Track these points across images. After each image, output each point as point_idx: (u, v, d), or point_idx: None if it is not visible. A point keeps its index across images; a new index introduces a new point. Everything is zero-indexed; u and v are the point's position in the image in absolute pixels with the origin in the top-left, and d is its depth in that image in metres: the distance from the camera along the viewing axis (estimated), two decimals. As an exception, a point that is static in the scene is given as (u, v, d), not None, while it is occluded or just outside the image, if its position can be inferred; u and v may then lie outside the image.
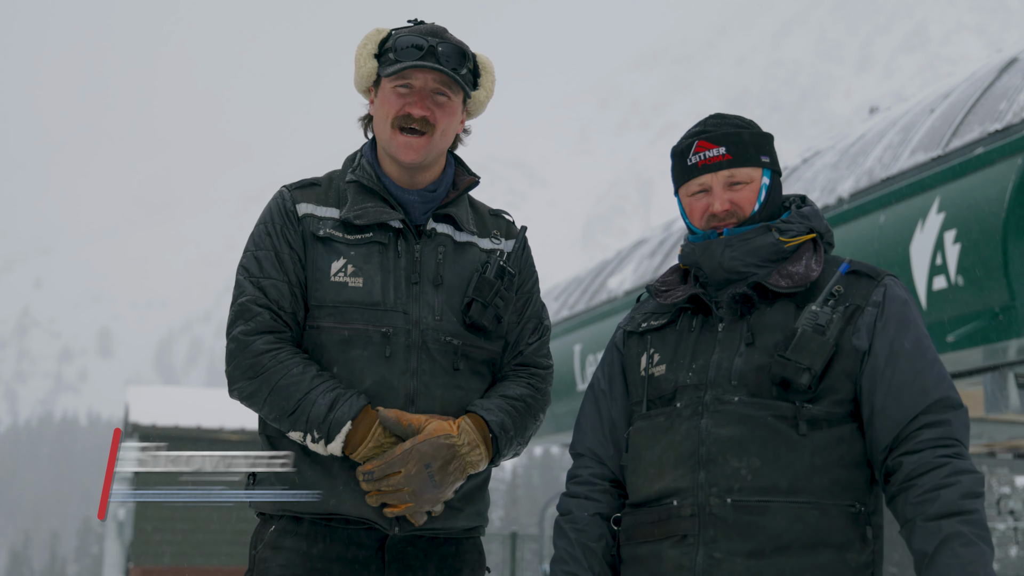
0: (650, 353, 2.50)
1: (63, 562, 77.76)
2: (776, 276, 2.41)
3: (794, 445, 2.27)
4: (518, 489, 59.01)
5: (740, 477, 2.28)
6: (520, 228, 2.72)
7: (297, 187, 2.63)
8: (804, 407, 2.29)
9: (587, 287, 12.50)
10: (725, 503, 2.27)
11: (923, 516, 2.19)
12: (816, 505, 2.26)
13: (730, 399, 2.33)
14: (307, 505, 2.45)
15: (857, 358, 2.33)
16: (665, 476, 2.36)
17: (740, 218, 2.48)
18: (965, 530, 2.14)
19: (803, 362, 2.27)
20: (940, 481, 2.19)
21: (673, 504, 2.33)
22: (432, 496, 2.41)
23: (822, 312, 2.32)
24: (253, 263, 2.54)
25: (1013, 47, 7.43)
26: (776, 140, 2.61)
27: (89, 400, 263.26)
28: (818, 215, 2.54)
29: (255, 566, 2.52)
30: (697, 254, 2.49)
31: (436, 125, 2.54)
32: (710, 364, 2.39)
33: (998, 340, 6.00)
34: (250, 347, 2.45)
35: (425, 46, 2.52)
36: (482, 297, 2.54)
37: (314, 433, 2.40)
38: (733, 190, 2.49)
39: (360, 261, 2.52)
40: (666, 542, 2.34)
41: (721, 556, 2.26)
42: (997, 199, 5.87)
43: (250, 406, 2.49)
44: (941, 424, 2.25)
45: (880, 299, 2.36)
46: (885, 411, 2.28)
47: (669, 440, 2.38)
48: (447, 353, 2.52)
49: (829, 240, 2.55)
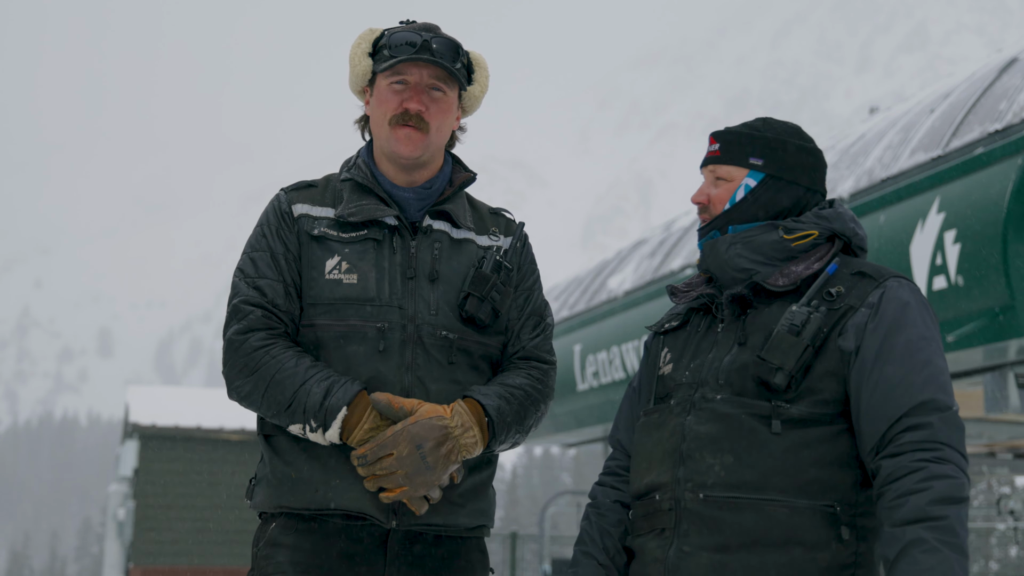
0: (663, 353, 2.57)
1: (63, 562, 77.77)
2: (777, 275, 2.43)
3: (765, 443, 2.29)
4: (518, 489, 59.03)
5: (713, 473, 2.31)
6: (519, 224, 2.74)
7: (293, 189, 2.66)
8: (781, 406, 2.30)
9: (587, 287, 12.49)
10: (698, 498, 2.31)
11: (890, 521, 2.18)
12: (785, 504, 2.26)
13: (713, 397, 2.36)
14: (306, 501, 2.46)
15: (843, 359, 2.32)
16: (652, 471, 2.42)
17: (711, 214, 2.53)
18: (928, 536, 2.12)
19: (774, 362, 2.29)
20: (911, 486, 2.17)
21: (655, 498, 2.39)
22: (426, 479, 2.41)
23: (799, 312, 2.32)
24: (248, 264, 2.56)
25: (1013, 47, 7.43)
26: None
27: (89, 400, 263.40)
28: (842, 217, 2.51)
29: (257, 564, 2.53)
30: (705, 253, 2.54)
31: (431, 122, 2.56)
32: (704, 363, 2.43)
33: (998, 340, 6.00)
34: (244, 345, 2.47)
35: (419, 41, 2.55)
36: (478, 291, 2.55)
37: (311, 423, 2.41)
38: (716, 185, 2.54)
39: (354, 258, 2.53)
40: (650, 535, 2.40)
41: (690, 550, 2.30)
42: (997, 199, 5.87)
43: (248, 406, 2.50)
44: (923, 427, 2.22)
45: (876, 300, 2.34)
46: (870, 412, 2.27)
47: (659, 436, 2.43)
48: (443, 347, 2.53)
49: (858, 244, 2.53)
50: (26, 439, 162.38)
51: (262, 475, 2.56)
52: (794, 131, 2.57)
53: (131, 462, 19.39)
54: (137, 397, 20.79)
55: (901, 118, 7.98)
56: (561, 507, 23.47)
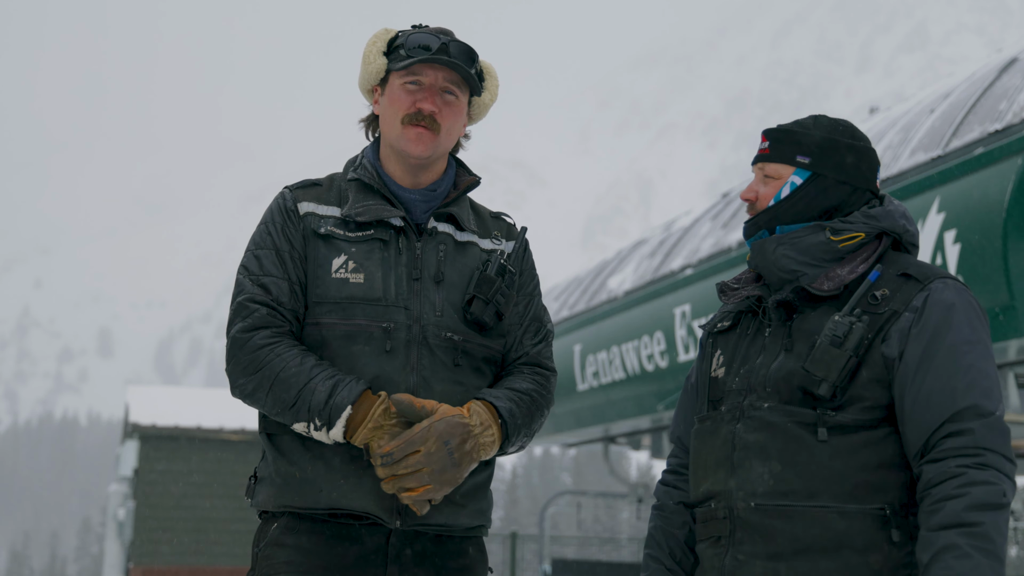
0: (717, 355, 2.58)
1: (63, 562, 77.78)
2: (823, 278, 2.42)
3: (813, 451, 2.30)
4: (518, 489, 59.02)
5: (763, 482, 2.33)
6: (520, 229, 2.75)
7: (298, 187, 2.66)
8: (827, 414, 2.31)
9: (587, 287, 12.49)
10: (749, 506, 2.34)
11: (926, 526, 2.20)
12: (835, 509, 2.28)
13: (760, 405, 2.38)
14: (309, 501, 2.45)
15: (887, 365, 2.32)
16: (708, 479, 2.46)
17: (756, 210, 2.54)
18: (962, 542, 2.13)
19: (818, 374, 2.30)
20: (950, 492, 2.19)
21: (711, 506, 2.43)
22: (452, 476, 2.42)
23: (841, 323, 2.31)
24: (253, 261, 2.56)
25: (1013, 47, 7.43)
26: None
27: (89, 400, 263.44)
28: (891, 215, 2.49)
29: (258, 564, 2.52)
30: (753, 253, 2.54)
31: (443, 124, 2.58)
32: (753, 369, 2.44)
33: (998, 340, 6.00)
34: (248, 343, 2.47)
35: (436, 44, 2.56)
36: (483, 294, 2.56)
37: (316, 421, 2.40)
38: (765, 183, 2.54)
39: (361, 257, 2.54)
40: (708, 542, 2.45)
41: (744, 558, 2.34)
42: (997, 199, 5.87)
43: (252, 404, 2.49)
44: (965, 433, 2.23)
45: (920, 304, 2.33)
46: (914, 419, 2.28)
47: (712, 444, 2.46)
48: (447, 349, 2.53)
49: (909, 240, 2.51)
50: (26, 439, 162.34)
51: (264, 474, 2.54)
52: (844, 129, 2.54)
53: (131, 462, 19.40)
54: (137, 397, 20.78)
55: (901, 118, 7.99)
56: (561, 507, 23.47)
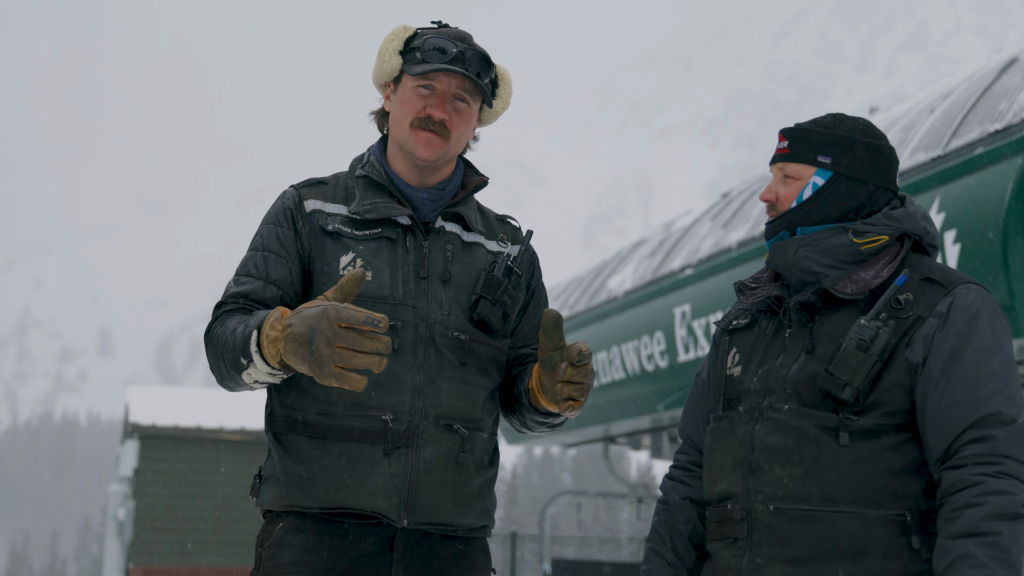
0: (732, 353, 2.55)
1: (63, 562, 77.76)
2: (845, 281, 2.39)
3: (834, 456, 2.29)
4: (518, 489, 59.03)
5: (783, 485, 2.32)
6: (527, 232, 2.75)
7: (304, 185, 2.65)
8: (849, 418, 2.29)
9: (587, 287, 12.49)
10: (768, 510, 2.32)
11: (944, 534, 2.19)
12: (855, 514, 2.26)
13: (781, 407, 2.36)
14: (318, 501, 2.44)
15: (910, 371, 2.30)
16: (724, 479, 2.43)
17: (778, 211, 2.51)
18: (977, 551, 2.12)
19: (843, 378, 2.28)
20: (968, 500, 2.17)
21: (727, 507, 2.41)
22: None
23: (868, 327, 2.29)
24: (241, 264, 2.57)
25: (1013, 47, 7.43)
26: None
27: (89, 400, 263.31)
28: (912, 216, 2.47)
29: (262, 564, 2.50)
30: (773, 253, 2.51)
31: (452, 131, 2.57)
32: (772, 370, 2.42)
33: (998, 340, 5.99)
34: (209, 332, 2.45)
35: (453, 51, 2.55)
36: (490, 294, 2.56)
37: (242, 361, 2.29)
38: (785, 183, 2.52)
39: (369, 255, 2.53)
40: (722, 542, 2.42)
41: (762, 561, 2.32)
42: (997, 199, 5.87)
43: (222, 383, 2.44)
44: (986, 440, 2.21)
45: (944, 310, 2.31)
46: (936, 425, 2.26)
47: (728, 444, 2.44)
48: (454, 348, 2.52)
49: (929, 242, 2.49)
50: (26, 439, 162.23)
51: (270, 473, 2.52)
52: (864, 128, 2.51)
53: (131, 462, 19.38)
54: (137, 397, 20.75)
55: (901, 118, 7.99)
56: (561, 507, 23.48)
